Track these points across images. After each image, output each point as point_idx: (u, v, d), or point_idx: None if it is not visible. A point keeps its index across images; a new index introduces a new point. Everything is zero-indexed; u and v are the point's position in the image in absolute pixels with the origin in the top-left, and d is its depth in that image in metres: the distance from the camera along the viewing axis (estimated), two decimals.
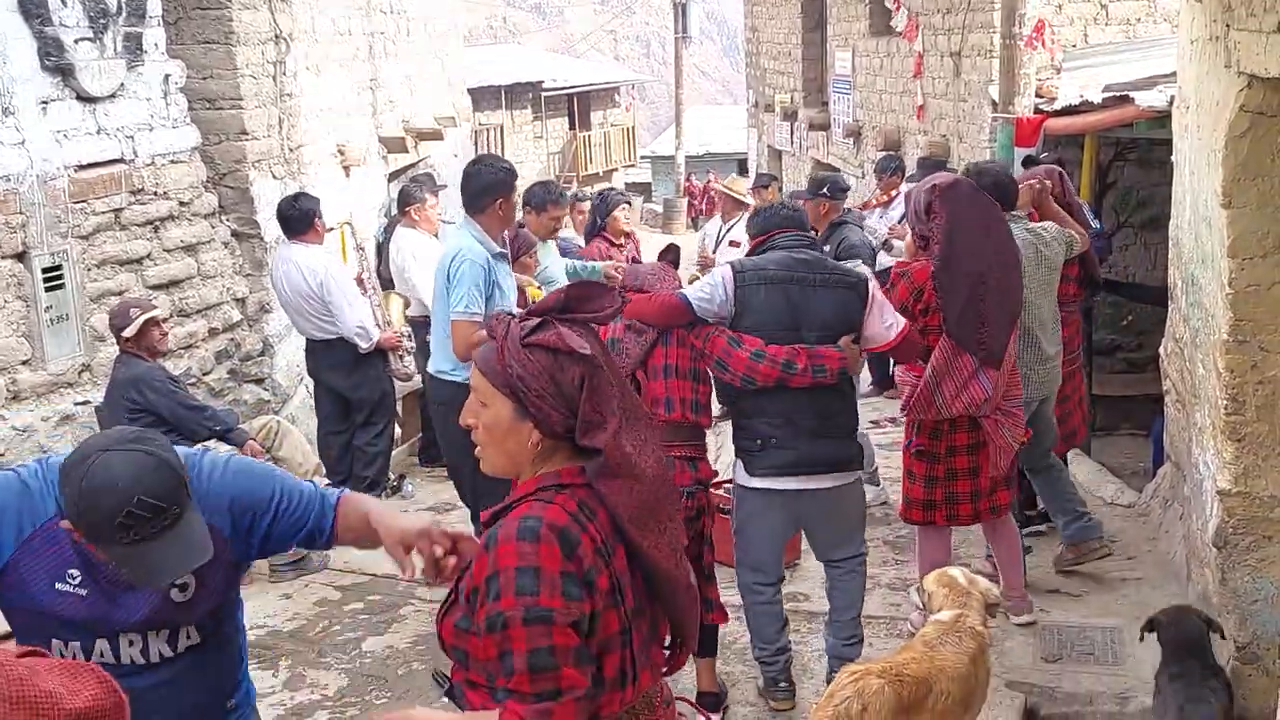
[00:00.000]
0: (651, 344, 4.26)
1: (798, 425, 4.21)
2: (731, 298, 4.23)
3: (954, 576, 3.74)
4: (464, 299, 4.92)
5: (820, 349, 4.16)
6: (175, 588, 2.41)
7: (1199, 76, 4.55)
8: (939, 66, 10.52)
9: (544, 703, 1.94)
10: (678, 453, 4.18)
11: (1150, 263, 9.65)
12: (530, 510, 2.03)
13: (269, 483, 2.53)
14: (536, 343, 2.07)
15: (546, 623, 1.94)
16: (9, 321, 6.12)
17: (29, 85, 6.23)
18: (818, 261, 4.33)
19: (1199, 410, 4.68)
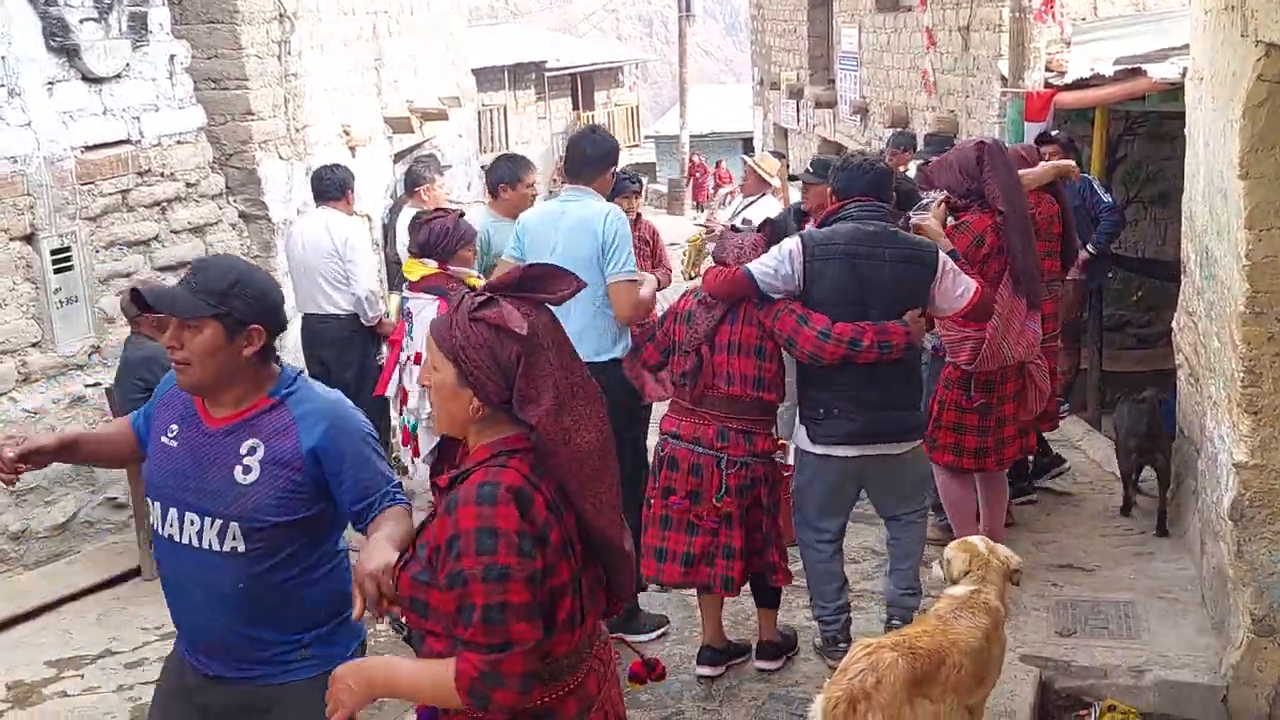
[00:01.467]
0: (719, 320, 4.35)
1: (861, 397, 4.28)
2: (800, 272, 4.26)
3: (975, 544, 3.72)
4: (628, 260, 4.71)
5: (887, 325, 4.21)
6: (240, 466, 2.65)
7: (1213, 47, 4.51)
8: (947, 41, 10.46)
9: (494, 654, 2.14)
10: (734, 425, 4.33)
11: (1160, 238, 9.62)
12: (487, 476, 2.19)
13: (360, 438, 2.75)
14: (480, 317, 2.22)
15: (504, 579, 2.12)
16: (18, 304, 6.12)
17: (34, 66, 6.21)
18: (887, 234, 4.31)
19: (1214, 383, 4.66)
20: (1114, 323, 9.77)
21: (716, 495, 4.34)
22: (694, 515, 4.40)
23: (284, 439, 2.66)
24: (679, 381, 4.46)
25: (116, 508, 6.45)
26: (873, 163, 4.54)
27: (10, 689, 4.82)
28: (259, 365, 2.70)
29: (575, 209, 4.78)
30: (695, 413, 4.41)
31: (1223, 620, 4.55)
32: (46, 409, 6.19)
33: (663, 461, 4.47)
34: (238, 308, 2.63)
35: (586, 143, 4.97)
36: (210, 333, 2.62)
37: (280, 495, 2.64)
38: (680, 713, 4.38)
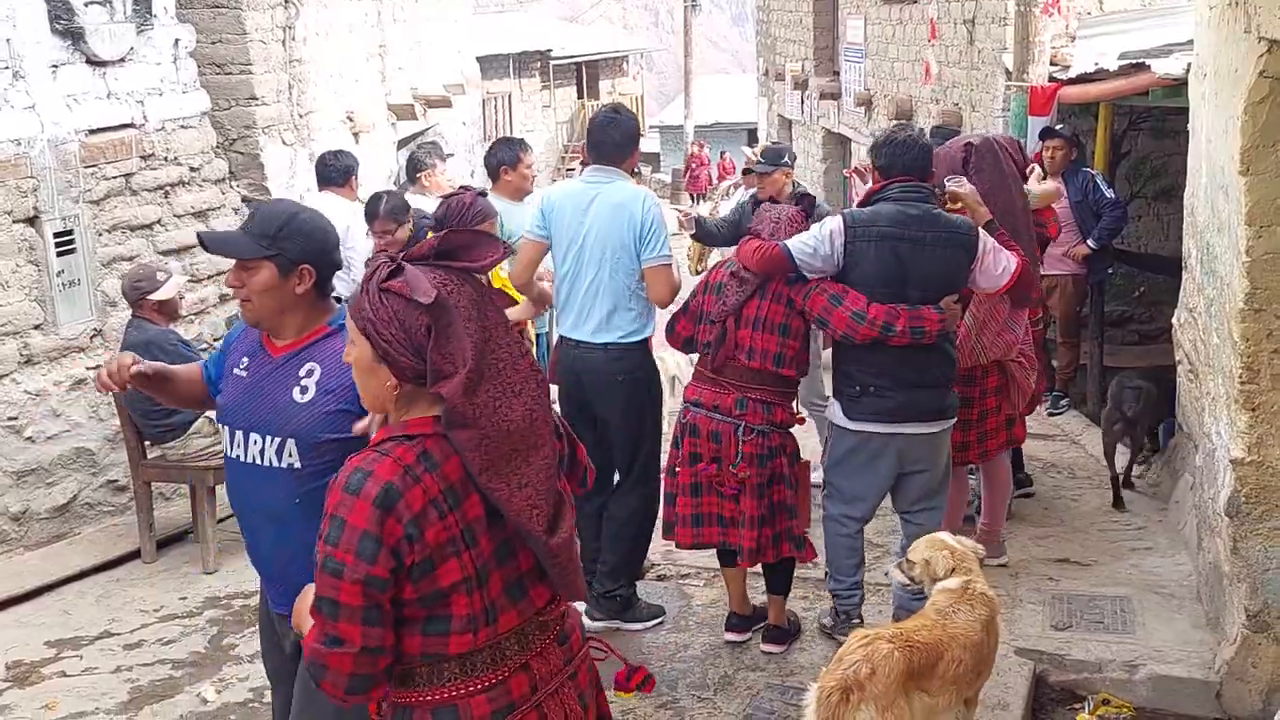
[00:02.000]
0: (749, 294, 4.39)
1: (895, 376, 4.32)
2: (840, 253, 4.29)
3: (946, 540, 3.73)
4: (665, 243, 4.69)
5: (921, 310, 4.24)
6: (298, 387, 2.82)
7: (1217, 42, 4.51)
8: (952, 34, 10.44)
9: (325, 646, 2.07)
10: (753, 395, 4.41)
11: (1163, 234, 9.61)
12: (362, 461, 2.09)
13: None
14: (389, 288, 2.12)
15: (337, 575, 2.05)
16: (21, 286, 6.13)
17: (39, 49, 6.21)
18: (929, 217, 4.31)
19: (1212, 380, 4.67)
20: (1116, 318, 9.76)
21: (734, 461, 4.41)
22: (719, 480, 4.48)
23: (339, 358, 2.76)
24: (704, 350, 4.53)
25: (117, 490, 6.47)
26: (916, 139, 4.49)
27: (10, 668, 4.84)
28: (315, 300, 2.89)
29: (609, 191, 4.71)
30: (717, 381, 4.49)
31: (1218, 616, 4.56)
32: (48, 391, 6.21)
33: (685, 429, 4.55)
34: (288, 249, 2.82)
35: (612, 123, 4.84)
36: (266, 273, 2.82)
37: (334, 414, 2.79)
38: (676, 700, 4.39)
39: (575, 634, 2.35)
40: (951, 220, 4.39)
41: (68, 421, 6.30)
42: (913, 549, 3.83)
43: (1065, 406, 7.99)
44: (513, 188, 6.24)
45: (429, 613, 2.11)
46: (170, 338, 5.80)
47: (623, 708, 4.34)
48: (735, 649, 4.75)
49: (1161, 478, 6.33)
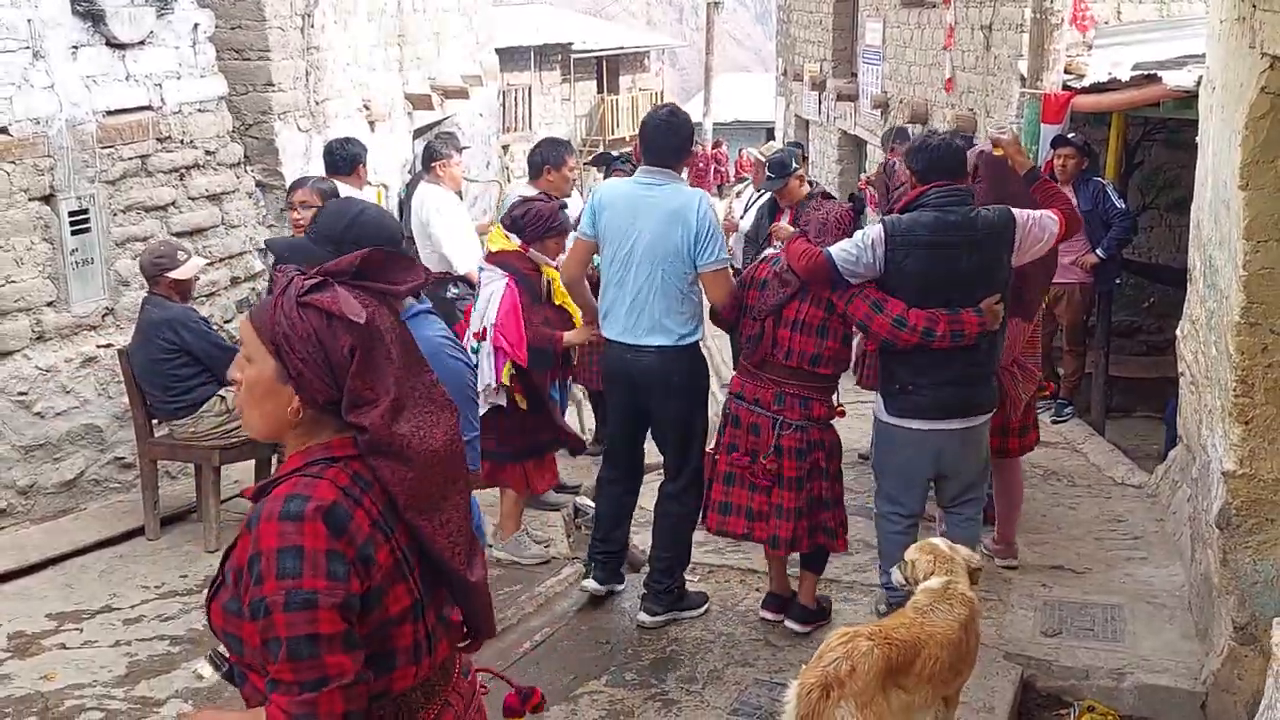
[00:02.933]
0: (789, 296, 4.51)
1: (939, 373, 4.42)
2: (881, 260, 4.36)
3: (936, 545, 3.77)
4: (721, 248, 4.71)
5: (960, 314, 4.33)
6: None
7: (1225, 57, 4.53)
8: (969, 40, 10.45)
9: (307, 693, 1.82)
10: (791, 390, 4.55)
11: (1175, 245, 9.60)
12: (295, 487, 1.88)
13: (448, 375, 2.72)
14: (311, 302, 1.91)
15: (310, 607, 1.82)
16: (35, 263, 6.20)
17: (59, 30, 6.28)
18: (968, 221, 4.38)
19: (1210, 392, 4.69)
20: (1125, 329, 9.76)
21: (765, 453, 4.54)
22: (750, 473, 4.62)
23: None
24: (745, 345, 4.67)
25: (124, 468, 6.54)
26: (950, 143, 4.56)
27: (11, 639, 4.91)
28: None
29: (665, 194, 4.69)
30: (757, 376, 4.64)
31: (1207, 627, 4.59)
32: (59, 368, 6.28)
33: (727, 419, 4.73)
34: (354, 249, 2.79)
35: (668, 125, 4.80)
36: None
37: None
38: (665, 693, 4.44)
39: (472, 667, 2.23)
40: (989, 220, 4.43)
41: (77, 398, 6.37)
42: (910, 550, 3.87)
43: (1069, 414, 8.01)
44: (553, 187, 6.29)
45: (375, 649, 1.93)
46: (192, 316, 5.85)
47: (611, 698, 4.40)
48: (726, 643, 4.80)
49: (1161, 488, 6.35)
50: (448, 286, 7.54)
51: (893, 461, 4.65)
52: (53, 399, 6.23)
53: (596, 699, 4.40)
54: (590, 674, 4.59)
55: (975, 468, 4.68)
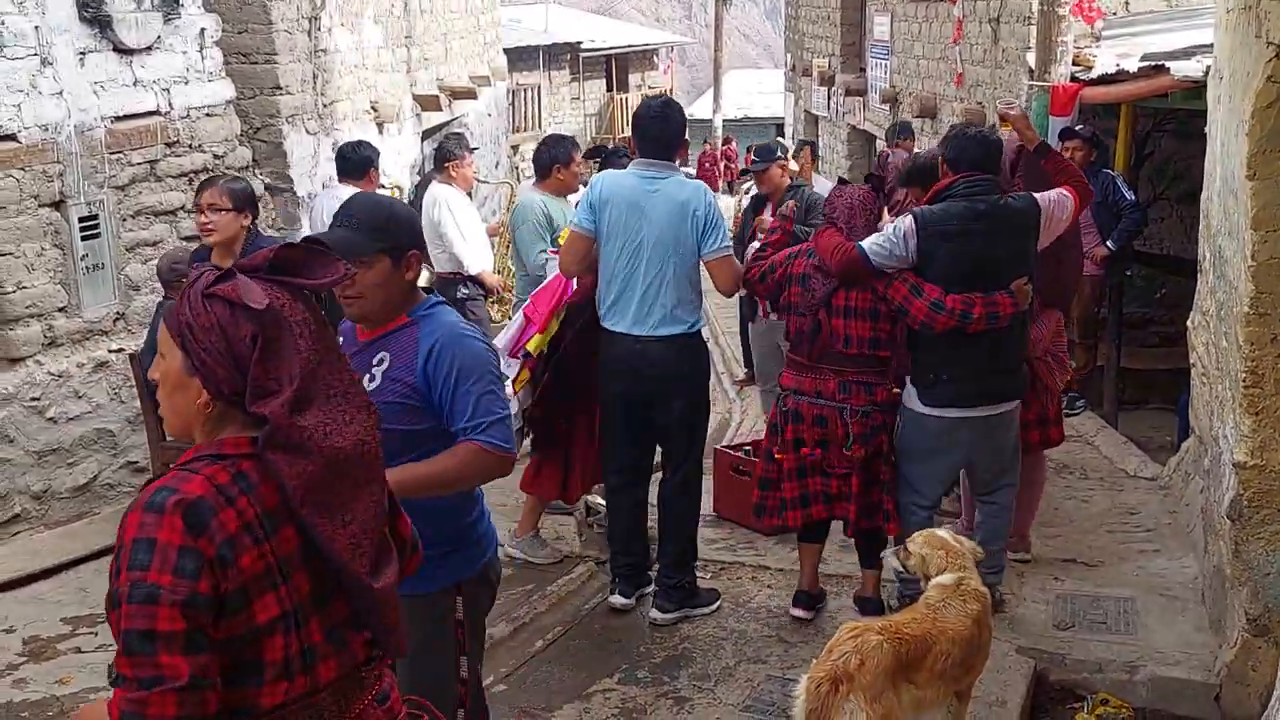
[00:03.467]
0: (835, 286, 4.58)
1: (969, 360, 4.51)
2: (914, 251, 4.46)
3: (944, 538, 3.76)
4: (725, 235, 4.78)
5: (995, 297, 4.44)
6: (368, 375, 2.84)
7: (1232, 47, 4.51)
8: (977, 33, 10.42)
9: (140, 690, 1.75)
10: (854, 378, 4.62)
11: (1185, 236, 9.55)
12: (168, 480, 1.84)
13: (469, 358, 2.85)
14: (215, 293, 1.89)
15: (151, 601, 1.75)
16: (46, 269, 6.23)
17: (67, 36, 6.30)
18: (997, 210, 4.49)
19: (1221, 383, 4.67)
20: (1137, 320, 9.73)
21: (846, 444, 4.62)
22: (826, 463, 4.68)
23: (406, 352, 2.85)
24: (796, 341, 4.72)
25: (137, 471, 6.57)
26: (985, 135, 4.68)
27: (26, 643, 4.93)
28: (414, 288, 2.92)
29: (668, 186, 4.71)
30: (816, 369, 4.67)
31: (1220, 619, 4.57)
32: (71, 373, 6.31)
33: (787, 416, 4.73)
34: (398, 238, 2.86)
35: (663, 115, 4.83)
36: (381, 266, 2.83)
37: (396, 403, 2.81)
38: (677, 690, 4.44)
39: (394, 693, 2.12)
40: (1017, 208, 4.55)
41: (89, 403, 6.40)
42: (912, 540, 3.86)
43: (1081, 407, 7.98)
44: (563, 185, 6.28)
45: (237, 659, 1.84)
46: None
47: (624, 696, 4.40)
48: (738, 640, 4.80)
49: (1174, 480, 6.32)
50: (458, 287, 7.56)
51: (921, 450, 4.68)
52: (65, 404, 6.26)
53: (609, 697, 4.41)
54: (602, 672, 4.60)
55: (1006, 454, 4.76)
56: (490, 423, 2.84)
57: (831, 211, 4.72)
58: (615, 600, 5.09)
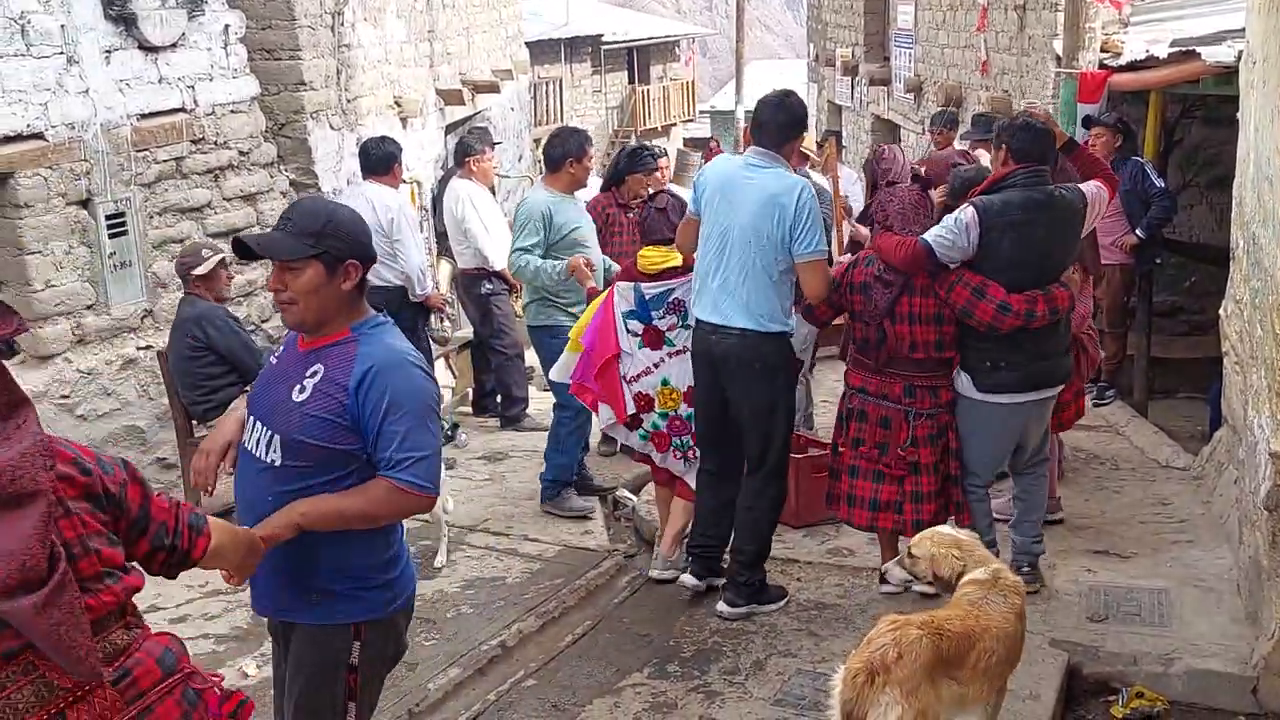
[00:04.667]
0: (897, 294, 4.63)
1: (1023, 349, 4.63)
2: (975, 242, 4.53)
3: (951, 535, 3.71)
4: (820, 238, 4.69)
5: (1054, 291, 4.59)
6: (299, 385, 2.79)
7: (1266, 30, 4.44)
8: (1003, 20, 10.33)
9: None
10: (920, 382, 4.71)
11: (1215, 223, 9.45)
12: None
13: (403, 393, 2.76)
14: None
15: None
16: (74, 267, 6.26)
17: (92, 34, 6.33)
18: (1050, 201, 4.60)
19: (1255, 372, 4.61)
20: (1167, 309, 9.63)
21: (902, 445, 4.72)
22: (882, 465, 4.78)
23: (341, 368, 2.79)
24: (861, 346, 4.80)
25: (166, 468, 6.60)
26: (1048, 129, 4.78)
27: None
28: (354, 299, 2.86)
29: (767, 178, 4.65)
30: (883, 371, 4.76)
31: (1256, 611, 4.51)
32: (99, 370, 6.34)
33: (851, 414, 4.86)
34: (334, 246, 2.79)
35: (781, 106, 4.78)
36: (312, 272, 2.78)
37: (321, 419, 2.75)
38: (707, 685, 4.43)
39: (141, 669, 2.17)
40: (1070, 199, 4.67)
41: (119, 400, 6.43)
42: (915, 544, 3.79)
43: (1111, 397, 7.91)
44: (575, 181, 6.17)
45: None
46: (219, 312, 5.89)
47: (654, 690, 4.39)
48: (768, 634, 4.78)
49: (1207, 470, 6.25)
50: (483, 282, 7.56)
51: (978, 436, 4.77)
52: (95, 401, 6.29)
53: (639, 691, 4.40)
54: (632, 667, 4.59)
55: (1042, 432, 4.96)
56: (413, 460, 2.75)
57: (884, 217, 4.74)
58: (686, 580, 5.09)
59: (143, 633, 2.22)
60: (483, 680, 4.54)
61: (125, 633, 2.17)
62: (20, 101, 5.91)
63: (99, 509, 2.15)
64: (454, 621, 5.01)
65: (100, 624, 2.11)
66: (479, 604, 5.16)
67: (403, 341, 2.88)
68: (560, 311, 6.03)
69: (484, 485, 6.80)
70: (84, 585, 2.05)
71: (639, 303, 5.10)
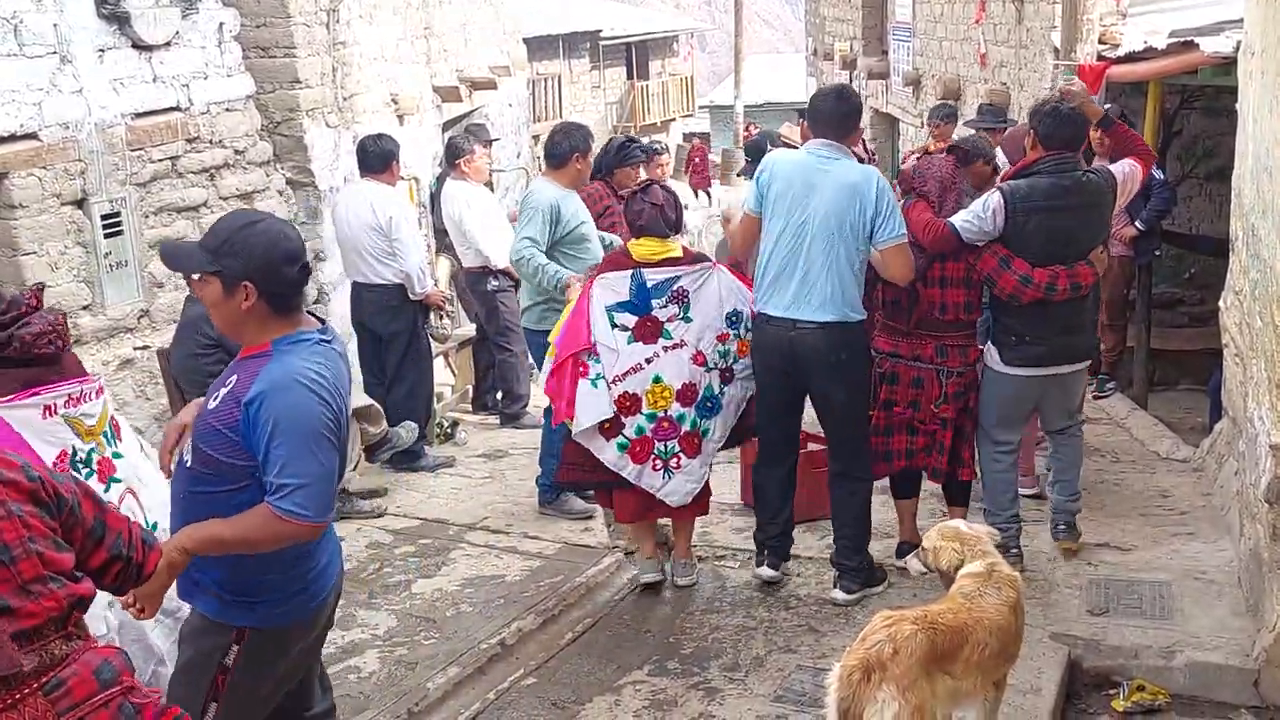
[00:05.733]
0: (930, 260, 4.79)
1: (1049, 325, 4.79)
2: (1000, 226, 4.70)
3: (957, 529, 3.70)
4: (900, 223, 4.70)
5: (1078, 269, 4.74)
6: (215, 394, 2.83)
7: (1265, 20, 4.42)
8: (1001, 13, 10.30)
9: None
10: (950, 342, 4.91)
11: (1215, 214, 9.45)
12: None
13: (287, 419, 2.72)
14: None
15: None
16: (70, 267, 6.24)
17: (85, 34, 6.31)
18: (1080, 186, 4.75)
19: (1255, 364, 4.59)
20: (1166, 300, 9.62)
21: (936, 402, 4.93)
22: (915, 420, 4.99)
23: (244, 383, 2.77)
24: (891, 310, 4.95)
25: None
26: (1078, 115, 4.86)
27: None
28: (267, 316, 2.83)
29: (839, 169, 4.68)
30: (914, 334, 4.93)
31: (1257, 603, 4.50)
32: (96, 371, 6.30)
33: (882, 379, 5.00)
34: (229, 265, 2.78)
35: (840, 97, 4.86)
36: (212, 288, 2.82)
37: (218, 430, 2.77)
38: (708, 681, 4.41)
39: (76, 680, 2.18)
40: (1097, 183, 4.81)
41: (116, 401, 6.39)
42: (927, 536, 3.81)
43: (1111, 390, 7.90)
44: (579, 176, 6.10)
45: None
46: None
47: (654, 688, 4.38)
48: (768, 630, 4.77)
49: (1207, 462, 6.24)
50: (488, 280, 7.54)
51: (1003, 405, 4.99)
52: None
53: (639, 689, 4.38)
54: (632, 664, 4.58)
55: (1076, 399, 5.20)
56: (292, 489, 2.69)
57: (922, 184, 4.91)
58: (764, 573, 5.11)
59: (84, 644, 2.23)
60: (482, 679, 4.53)
61: (64, 643, 2.18)
62: (14, 102, 5.89)
63: (47, 514, 2.18)
64: (453, 620, 5.00)
65: (38, 631, 2.12)
66: (478, 602, 5.15)
67: (308, 361, 2.80)
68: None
69: (484, 483, 6.78)
70: (24, 587, 2.09)
71: (637, 291, 4.86)
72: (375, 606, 5.15)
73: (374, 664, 4.61)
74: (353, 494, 6.20)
